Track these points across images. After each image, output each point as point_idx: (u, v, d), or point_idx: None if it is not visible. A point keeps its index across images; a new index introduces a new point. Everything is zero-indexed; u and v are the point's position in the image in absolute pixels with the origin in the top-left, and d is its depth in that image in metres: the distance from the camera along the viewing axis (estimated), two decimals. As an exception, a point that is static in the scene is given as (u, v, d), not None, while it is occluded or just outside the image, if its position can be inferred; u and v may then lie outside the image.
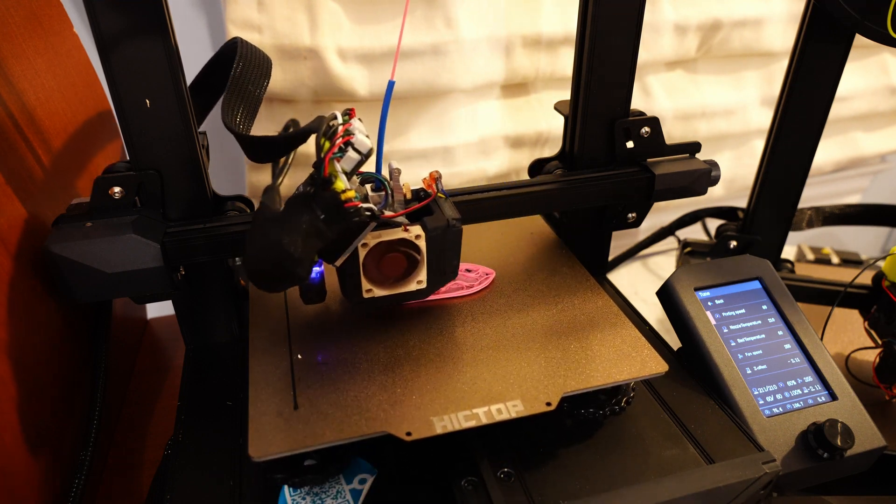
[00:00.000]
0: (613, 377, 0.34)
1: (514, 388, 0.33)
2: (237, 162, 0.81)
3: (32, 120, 0.41)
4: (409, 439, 0.30)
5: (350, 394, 0.33)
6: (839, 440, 0.38)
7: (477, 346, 0.36)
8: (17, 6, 0.42)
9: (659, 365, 0.35)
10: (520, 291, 0.41)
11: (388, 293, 0.37)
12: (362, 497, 0.33)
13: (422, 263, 0.36)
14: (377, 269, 0.36)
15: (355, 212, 0.31)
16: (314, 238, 0.30)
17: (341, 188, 0.31)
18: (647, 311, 0.48)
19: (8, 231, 0.35)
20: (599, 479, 0.33)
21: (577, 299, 0.41)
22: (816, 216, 0.67)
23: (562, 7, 0.78)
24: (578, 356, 0.36)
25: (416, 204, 0.36)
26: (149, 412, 0.50)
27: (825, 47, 0.48)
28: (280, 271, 0.29)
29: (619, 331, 0.38)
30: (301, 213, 0.30)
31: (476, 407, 0.32)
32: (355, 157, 0.33)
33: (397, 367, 0.35)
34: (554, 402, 0.32)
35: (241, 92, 0.36)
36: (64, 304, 0.40)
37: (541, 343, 0.37)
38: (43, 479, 0.35)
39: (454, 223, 0.35)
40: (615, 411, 0.36)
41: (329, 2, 0.69)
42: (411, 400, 0.33)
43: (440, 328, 0.38)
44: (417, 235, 0.35)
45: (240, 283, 0.47)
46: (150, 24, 0.34)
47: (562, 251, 0.46)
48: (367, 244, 0.34)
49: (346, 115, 0.33)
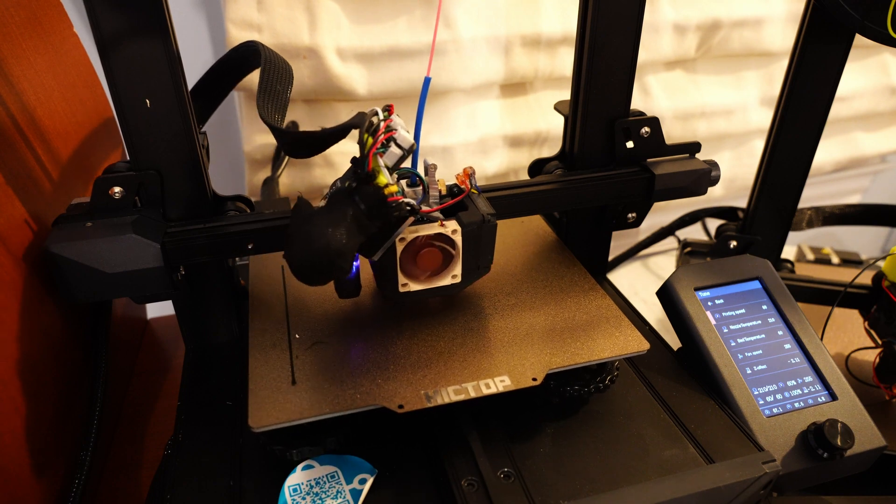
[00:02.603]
0: (597, 355, 0.36)
1: (503, 366, 0.35)
2: (237, 162, 0.81)
3: (32, 120, 0.41)
4: (401, 412, 0.32)
5: (345, 370, 0.34)
6: (839, 440, 0.38)
7: (467, 327, 0.38)
8: (17, 6, 0.42)
9: (640, 343, 0.36)
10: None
11: (423, 287, 0.37)
12: (362, 497, 0.33)
13: (457, 258, 0.37)
14: (413, 263, 0.36)
15: (397, 206, 0.32)
16: (357, 232, 0.31)
17: (384, 182, 0.32)
18: (647, 311, 0.48)
19: (8, 231, 0.35)
20: (599, 479, 0.33)
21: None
22: (816, 216, 0.67)
23: (562, 7, 0.78)
24: (564, 336, 0.37)
25: (451, 199, 0.37)
26: (149, 412, 0.50)
27: (825, 47, 0.48)
28: (326, 265, 0.31)
29: (603, 312, 0.39)
30: (345, 208, 0.31)
31: (465, 382, 0.34)
32: (398, 152, 0.33)
33: (391, 346, 0.36)
34: (539, 378, 0.34)
35: (272, 92, 0.37)
36: (64, 304, 0.40)
37: (528, 324, 0.38)
38: (43, 479, 0.35)
39: (489, 218, 0.36)
40: (599, 389, 0.38)
41: (328, 1, 0.69)
42: (404, 376, 0.34)
43: (433, 311, 0.39)
44: (454, 230, 0.36)
45: (240, 283, 0.47)
46: (150, 24, 0.34)
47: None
48: (405, 238, 0.35)
49: (386, 111, 0.34)
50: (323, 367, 0.35)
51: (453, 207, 0.37)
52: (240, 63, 0.45)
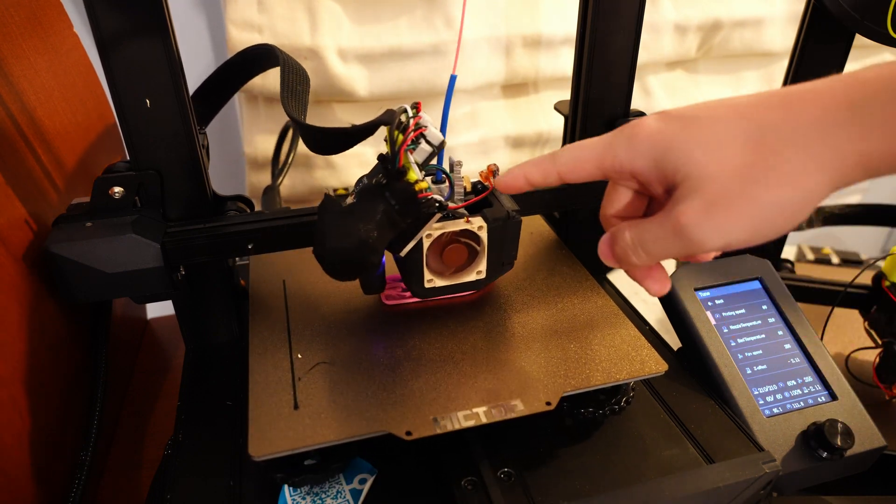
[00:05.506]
0: (613, 377, 0.34)
1: (514, 388, 0.33)
2: (237, 162, 0.81)
3: (32, 120, 0.41)
4: (410, 438, 0.30)
5: (350, 393, 0.33)
6: (839, 440, 0.38)
7: (477, 346, 0.36)
8: (17, 6, 0.42)
9: (658, 364, 0.35)
10: (520, 291, 0.41)
11: (448, 283, 0.37)
12: (362, 497, 0.33)
13: (482, 254, 0.37)
14: (439, 259, 0.36)
15: (428, 202, 0.32)
16: (388, 227, 0.32)
17: (414, 179, 0.32)
18: (647, 311, 0.48)
19: (8, 231, 0.35)
20: (599, 479, 0.33)
21: (578, 299, 0.41)
22: (816, 216, 0.67)
23: (562, 7, 0.78)
24: (578, 356, 0.36)
25: (475, 196, 0.37)
26: (149, 412, 0.50)
27: (825, 47, 0.48)
28: (359, 260, 0.31)
29: (619, 330, 0.38)
30: (376, 204, 0.31)
31: (476, 406, 0.32)
32: (427, 149, 0.33)
33: (397, 367, 0.35)
34: (554, 402, 0.32)
35: (294, 92, 0.37)
36: (64, 304, 0.40)
37: (541, 342, 0.37)
38: (43, 479, 0.35)
39: (514, 214, 0.36)
40: (615, 411, 0.36)
41: (329, 2, 0.69)
42: (411, 399, 0.32)
43: (440, 328, 0.38)
44: (480, 226, 0.36)
45: (240, 283, 0.47)
46: (150, 24, 0.34)
47: (562, 251, 0.46)
48: (432, 234, 0.35)
49: (414, 108, 0.34)
50: (326, 390, 0.33)
51: (478, 204, 0.37)
52: (248, 65, 0.45)
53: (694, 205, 0.26)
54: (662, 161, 0.28)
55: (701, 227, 0.26)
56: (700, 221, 0.26)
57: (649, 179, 0.29)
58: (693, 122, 0.27)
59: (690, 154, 0.27)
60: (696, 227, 0.26)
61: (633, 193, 0.31)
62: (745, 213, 0.26)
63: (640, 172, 0.29)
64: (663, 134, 0.28)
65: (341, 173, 0.78)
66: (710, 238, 0.27)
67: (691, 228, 0.27)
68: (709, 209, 0.26)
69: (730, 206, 0.26)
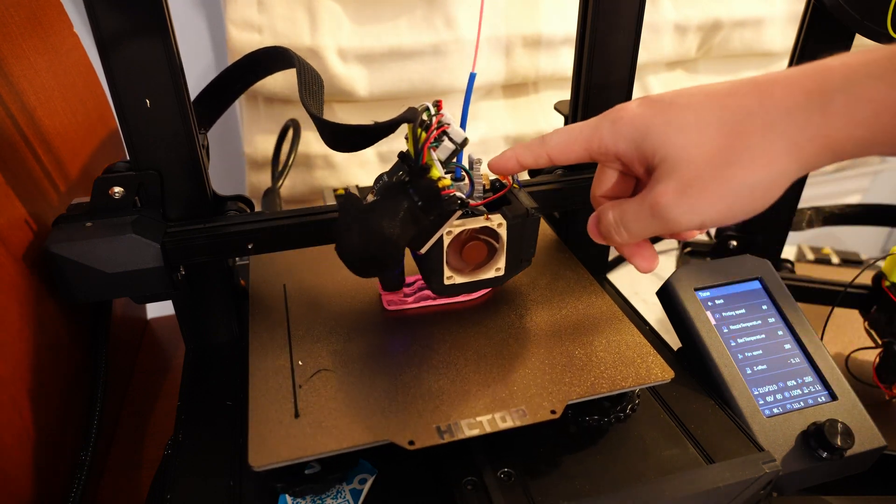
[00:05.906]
0: (619, 384, 0.34)
1: (519, 396, 0.33)
2: (237, 162, 0.81)
3: (32, 120, 0.41)
4: (412, 448, 0.30)
5: (352, 401, 0.32)
6: (839, 440, 0.38)
7: (481, 352, 0.36)
8: (17, 6, 0.42)
9: (664, 371, 0.34)
10: (524, 296, 0.41)
11: (467, 280, 0.37)
12: (362, 497, 0.33)
13: (501, 251, 0.37)
14: (459, 256, 0.36)
15: (451, 199, 0.32)
16: (410, 224, 0.32)
17: (437, 176, 0.32)
18: (647, 311, 0.48)
19: (8, 231, 0.35)
20: (599, 480, 0.33)
21: (582, 304, 0.40)
22: (816, 216, 0.67)
23: (562, 7, 0.78)
24: (583, 362, 0.35)
25: (494, 194, 0.37)
26: (149, 412, 0.50)
27: (825, 47, 0.48)
28: (382, 256, 0.31)
29: (624, 336, 0.37)
30: (399, 201, 0.31)
31: (480, 415, 0.32)
32: (450, 146, 0.34)
33: (399, 374, 0.34)
34: (559, 411, 0.32)
35: (311, 92, 0.38)
36: (64, 304, 0.40)
37: (545, 348, 0.36)
38: (43, 479, 0.35)
39: (533, 212, 0.36)
40: (620, 419, 0.36)
41: (329, 2, 0.69)
42: (414, 407, 0.32)
43: (443, 333, 0.38)
44: (500, 224, 0.36)
45: (240, 283, 0.47)
46: (150, 24, 0.34)
47: (563, 253, 0.46)
48: (452, 232, 0.35)
49: (436, 106, 0.34)
50: (327, 398, 0.33)
51: (497, 201, 0.37)
52: (255, 67, 0.46)
53: (670, 186, 0.28)
54: (642, 144, 0.29)
55: (677, 207, 0.28)
56: (676, 202, 0.28)
57: (631, 161, 0.31)
58: (671, 107, 0.29)
59: (668, 137, 0.28)
60: (673, 207, 0.28)
61: (619, 175, 0.33)
62: (719, 194, 0.27)
63: (623, 154, 0.31)
64: (644, 118, 0.30)
65: (341, 173, 0.78)
66: (686, 217, 0.28)
67: (668, 208, 0.28)
68: (684, 190, 0.28)
69: (704, 188, 0.28)
